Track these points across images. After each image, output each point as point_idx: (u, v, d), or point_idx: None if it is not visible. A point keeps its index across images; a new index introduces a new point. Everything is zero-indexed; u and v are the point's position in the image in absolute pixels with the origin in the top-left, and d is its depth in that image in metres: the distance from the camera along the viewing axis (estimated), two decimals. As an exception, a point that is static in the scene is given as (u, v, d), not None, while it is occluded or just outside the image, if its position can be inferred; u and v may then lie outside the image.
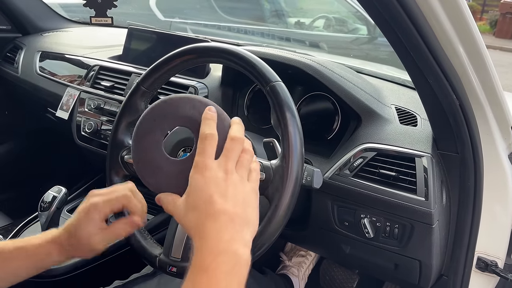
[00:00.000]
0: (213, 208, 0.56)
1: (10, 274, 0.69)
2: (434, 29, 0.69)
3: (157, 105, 0.71)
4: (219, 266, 0.53)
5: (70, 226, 0.71)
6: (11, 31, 2.02)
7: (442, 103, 0.82)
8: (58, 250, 0.71)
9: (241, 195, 0.59)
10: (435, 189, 0.90)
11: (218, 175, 0.59)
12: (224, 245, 0.54)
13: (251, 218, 0.59)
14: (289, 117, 0.73)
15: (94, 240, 0.71)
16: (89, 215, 0.70)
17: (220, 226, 0.55)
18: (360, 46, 4.14)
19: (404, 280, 1.04)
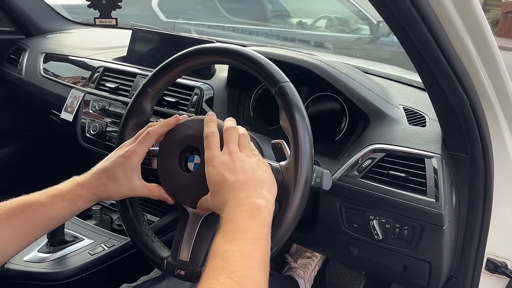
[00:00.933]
0: (228, 183, 0.65)
1: (49, 220, 0.72)
2: (445, 27, 0.68)
3: (164, 139, 0.82)
4: (239, 214, 0.61)
5: (103, 169, 0.76)
6: (15, 33, 2.01)
7: (452, 103, 0.81)
8: (89, 191, 0.74)
9: (249, 165, 0.67)
10: (445, 190, 0.89)
11: (224, 158, 0.68)
12: (242, 201, 0.63)
13: (263, 179, 0.67)
14: (298, 118, 0.73)
15: (138, 188, 0.77)
16: (131, 161, 0.76)
17: (236, 192, 0.64)
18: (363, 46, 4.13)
19: (413, 282, 1.03)
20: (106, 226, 1.40)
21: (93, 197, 0.75)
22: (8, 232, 0.68)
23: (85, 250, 1.21)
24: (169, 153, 0.80)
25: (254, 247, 0.57)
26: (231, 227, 0.60)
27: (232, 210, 0.62)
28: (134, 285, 0.97)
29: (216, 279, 0.51)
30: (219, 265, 0.54)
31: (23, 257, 1.16)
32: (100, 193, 0.75)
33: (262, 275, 0.55)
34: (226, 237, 0.58)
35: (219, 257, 0.55)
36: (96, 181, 0.75)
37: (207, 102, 1.26)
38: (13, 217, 0.69)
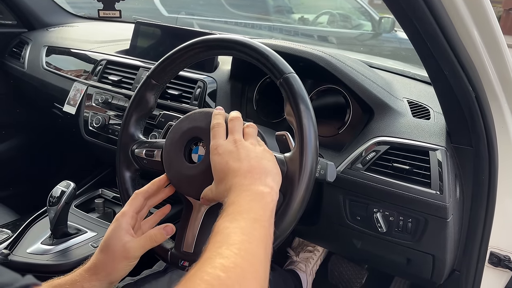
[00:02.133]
0: (232, 171, 0.66)
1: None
2: (452, 18, 0.68)
3: (171, 130, 0.83)
4: (242, 198, 0.62)
5: (100, 246, 0.74)
6: (17, 26, 2.01)
7: (458, 95, 0.81)
8: (96, 276, 0.71)
9: (253, 154, 0.68)
10: (449, 183, 0.89)
11: (229, 147, 0.69)
12: (245, 187, 0.63)
13: (267, 167, 0.67)
14: (303, 109, 0.72)
15: (130, 247, 0.73)
16: (118, 223, 0.75)
17: (239, 178, 0.64)
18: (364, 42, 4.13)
19: (416, 275, 1.03)
20: (109, 219, 1.39)
21: (92, 279, 0.71)
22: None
23: (88, 243, 1.21)
24: (175, 145, 0.80)
25: (255, 226, 0.58)
26: (233, 208, 0.60)
27: (235, 195, 0.62)
28: (137, 278, 0.97)
29: (216, 251, 0.52)
30: (218, 239, 0.55)
31: (27, 249, 1.16)
32: (100, 273, 0.72)
33: (261, 251, 0.55)
34: (228, 217, 0.58)
35: (219, 233, 0.56)
36: (95, 261, 0.73)
37: (210, 95, 1.25)
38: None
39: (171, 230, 0.77)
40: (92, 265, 0.72)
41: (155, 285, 0.95)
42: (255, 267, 0.53)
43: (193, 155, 0.80)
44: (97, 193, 1.51)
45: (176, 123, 0.83)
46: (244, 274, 0.50)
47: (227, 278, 0.48)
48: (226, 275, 0.48)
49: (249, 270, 0.51)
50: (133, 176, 0.88)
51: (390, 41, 3.91)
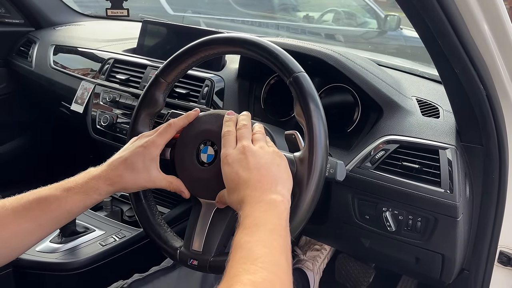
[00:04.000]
0: (242, 181, 0.66)
1: (65, 213, 0.72)
2: (463, 15, 0.68)
3: (183, 132, 0.83)
4: (257, 209, 0.62)
5: (125, 162, 0.75)
6: (24, 25, 2.02)
7: (468, 93, 0.80)
8: (105, 183, 0.74)
9: (263, 160, 0.67)
10: (459, 182, 0.88)
11: (238, 156, 0.68)
12: (257, 199, 0.63)
13: (277, 174, 0.67)
14: (313, 108, 0.72)
15: (155, 177, 0.77)
16: (150, 151, 0.77)
17: (251, 190, 0.64)
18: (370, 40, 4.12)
19: (425, 274, 1.02)
20: (117, 217, 1.40)
21: (108, 189, 0.75)
22: (25, 224, 0.68)
23: (97, 241, 1.22)
24: (186, 146, 0.81)
25: (274, 237, 0.58)
26: (250, 221, 0.60)
27: (249, 207, 0.62)
28: (145, 275, 0.97)
29: (241, 267, 0.52)
30: (242, 255, 0.55)
31: (36, 248, 1.17)
32: (116, 185, 0.75)
33: (284, 261, 0.56)
34: (246, 230, 0.59)
35: (240, 248, 0.56)
36: (113, 172, 0.75)
37: (218, 94, 1.25)
38: (29, 209, 0.69)
39: (185, 195, 0.79)
40: (113, 175, 0.75)
41: (163, 281, 0.96)
42: (281, 278, 0.53)
43: (202, 155, 0.80)
44: (105, 192, 1.52)
45: (187, 125, 0.83)
46: (273, 286, 0.51)
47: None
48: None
49: (276, 281, 0.52)
50: None
51: (395, 39, 3.90)
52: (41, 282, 1.15)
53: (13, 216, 0.68)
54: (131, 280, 0.94)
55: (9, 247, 0.69)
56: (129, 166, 0.75)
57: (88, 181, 0.74)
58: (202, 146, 0.80)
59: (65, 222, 0.74)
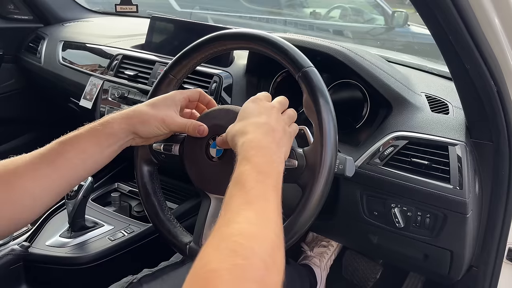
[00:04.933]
0: (259, 119, 0.67)
1: (79, 153, 0.70)
2: (474, 9, 0.67)
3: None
4: (264, 156, 0.61)
5: (147, 102, 0.77)
6: (33, 22, 2.03)
7: (479, 89, 0.80)
8: (121, 116, 0.73)
9: (281, 125, 0.69)
10: (469, 178, 0.88)
11: (268, 105, 0.71)
12: (266, 144, 0.63)
13: (285, 141, 0.68)
14: (323, 103, 0.72)
15: (171, 117, 0.76)
16: (174, 95, 0.79)
17: (262, 131, 0.65)
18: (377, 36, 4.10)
19: (434, 271, 1.02)
20: (125, 212, 1.41)
21: (122, 124, 0.72)
22: (42, 169, 0.66)
23: (106, 236, 1.23)
24: (196, 141, 0.80)
25: (274, 193, 0.57)
26: (249, 169, 0.58)
27: (252, 149, 0.62)
28: (154, 270, 0.98)
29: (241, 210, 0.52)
30: (241, 201, 0.54)
31: (46, 242, 1.18)
32: (132, 119, 0.73)
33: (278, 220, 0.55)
34: (250, 171, 0.58)
35: (244, 191, 0.55)
36: (133, 108, 0.75)
37: (226, 90, 1.25)
38: (45, 154, 0.68)
39: (202, 131, 0.78)
40: (130, 110, 0.75)
41: (173, 276, 0.96)
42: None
43: (211, 149, 0.80)
44: (113, 187, 1.53)
45: (196, 120, 0.83)
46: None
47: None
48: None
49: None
50: (151, 170, 0.89)
51: (403, 36, 3.88)
52: (51, 276, 1.16)
53: (30, 163, 0.66)
54: (141, 275, 0.94)
55: (31, 197, 0.66)
56: (150, 103, 0.77)
57: (104, 118, 0.73)
58: (211, 141, 0.80)
59: (82, 166, 0.71)
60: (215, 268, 0.42)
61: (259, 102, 0.71)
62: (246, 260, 0.44)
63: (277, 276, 0.46)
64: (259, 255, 0.45)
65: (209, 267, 0.42)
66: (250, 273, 0.43)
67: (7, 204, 0.64)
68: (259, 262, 0.44)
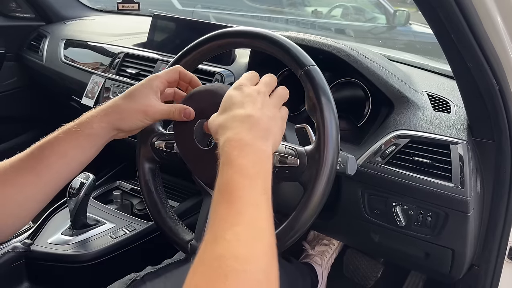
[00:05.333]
0: (243, 110, 0.62)
1: (60, 158, 0.67)
2: (477, 7, 0.67)
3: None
4: (247, 155, 0.57)
5: (123, 94, 0.73)
6: (35, 20, 2.04)
7: (481, 88, 0.79)
8: (99, 114, 0.70)
9: (270, 112, 0.64)
10: (471, 177, 0.88)
11: (252, 91, 0.65)
12: (249, 140, 0.58)
13: (274, 131, 0.64)
14: (325, 102, 0.72)
15: (152, 105, 0.73)
16: (151, 81, 0.75)
17: (246, 126, 0.60)
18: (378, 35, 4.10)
19: (435, 269, 1.02)
20: (127, 210, 1.42)
21: (102, 122, 0.69)
22: (23, 176, 0.64)
23: (107, 234, 1.24)
24: (183, 128, 0.78)
25: (264, 197, 0.54)
26: (235, 171, 0.54)
27: (234, 148, 0.57)
28: (158, 267, 0.98)
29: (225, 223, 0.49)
30: (226, 212, 0.50)
31: (48, 239, 1.18)
32: (111, 115, 0.70)
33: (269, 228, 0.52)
34: (237, 175, 0.54)
35: (232, 200, 0.51)
36: (110, 103, 0.72)
37: (228, 88, 1.25)
38: (25, 160, 0.65)
39: (189, 114, 0.76)
40: (107, 107, 0.71)
41: (175, 274, 0.96)
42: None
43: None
44: (115, 185, 1.53)
45: (181, 102, 0.80)
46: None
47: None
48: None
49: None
50: (153, 168, 0.89)
51: (404, 34, 3.87)
52: (53, 273, 1.16)
53: (11, 169, 0.64)
54: (144, 273, 0.94)
55: (15, 204, 0.64)
56: (127, 95, 0.73)
57: (82, 117, 0.70)
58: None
59: (65, 169, 0.68)
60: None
61: (242, 89, 0.65)
62: (240, 284, 0.43)
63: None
64: (253, 275, 0.44)
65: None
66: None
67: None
68: (253, 282, 0.44)
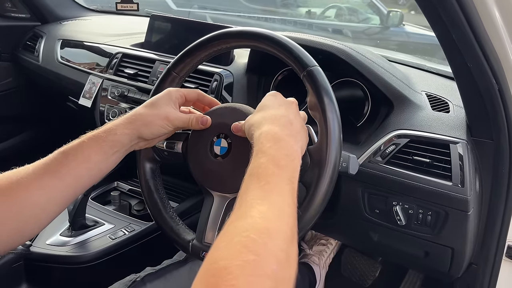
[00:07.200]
0: (278, 111, 0.68)
1: (84, 163, 0.69)
2: (477, 6, 0.68)
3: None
4: (281, 148, 0.60)
5: (146, 103, 0.77)
6: (30, 20, 2.02)
7: (480, 88, 0.80)
8: (123, 121, 0.73)
9: (299, 120, 0.70)
10: (470, 176, 0.89)
11: (287, 99, 0.73)
12: (283, 136, 0.63)
13: (303, 135, 0.69)
14: (327, 102, 0.73)
15: (173, 114, 0.76)
16: (170, 92, 0.78)
17: (280, 123, 0.65)
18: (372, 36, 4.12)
19: (434, 268, 1.03)
20: (125, 211, 1.41)
21: (125, 129, 0.72)
22: (46, 180, 0.66)
23: (106, 235, 1.23)
24: (200, 139, 0.81)
25: (289, 187, 0.56)
26: (266, 162, 0.58)
27: (268, 141, 0.61)
28: (157, 268, 0.98)
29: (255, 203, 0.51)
30: (255, 194, 0.53)
31: (46, 241, 1.18)
32: (134, 123, 0.73)
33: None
34: (267, 165, 0.57)
35: (258, 186, 0.54)
36: (133, 112, 0.75)
37: (227, 89, 1.26)
38: (48, 164, 0.67)
39: (205, 121, 0.79)
40: (130, 115, 0.75)
41: (175, 274, 0.96)
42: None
43: (215, 147, 0.80)
44: (113, 186, 1.53)
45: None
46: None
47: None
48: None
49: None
50: (153, 168, 0.89)
51: (398, 35, 3.90)
52: (52, 274, 1.16)
53: (34, 174, 0.66)
54: (144, 274, 0.94)
55: (38, 206, 0.65)
56: (149, 104, 0.76)
57: (106, 125, 0.73)
58: (215, 138, 0.80)
59: (87, 174, 0.70)
60: (226, 265, 0.42)
61: (278, 96, 0.73)
62: (258, 256, 0.43)
63: (290, 270, 0.46)
64: (272, 250, 0.45)
65: (220, 263, 0.42)
66: (262, 269, 0.42)
67: (11, 216, 0.63)
68: (272, 257, 0.44)
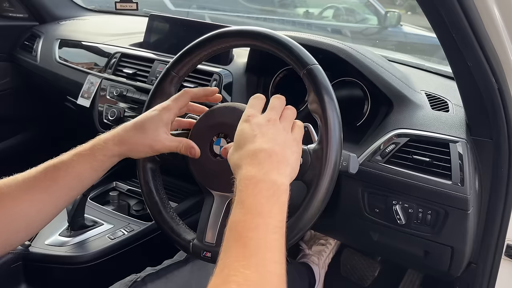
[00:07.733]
0: (253, 145, 0.63)
1: (74, 178, 0.71)
2: (477, 5, 0.68)
3: (197, 123, 0.84)
4: (260, 192, 0.57)
5: (135, 123, 0.76)
6: (28, 20, 2.01)
7: (480, 87, 0.80)
8: (112, 142, 0.74)
9: (281, 139, 0.65)
10: (470, 175, 0.89)
11: (262, 121, 0.66)
12: (262, 176, 0.59)
13: (289, 158, 0.65)
14: (328, 101, 0.73)
15: (160, 141, 0.76)
16: (161, 114, 0.77)
17: (258, 161, 0.61)
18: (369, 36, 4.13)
19: (433, 267, 1.03)
20: (124, 211, 1.41)
21: (114, 150, 0.73)
22: (36, 194, 0.67)
23: (105, 235, 1.23)
24: (200, 138, 0.81)
25: (274, 236, 0.54)
26: (249, 207, 0.56)
27: (249, 184, 0.58)
28: (158, 268, 0.97)
29: (238, 264, 0.50)
30: (238, 251, 0.52)
31: (45, 241, 1.17)
32: (123, 145, 0.74)
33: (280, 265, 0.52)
34: (246, 217, 0.55)
35: (240, 239, 0.53)
36: (122, 132, 0.75)
37: (226, 88, 1.25)
38: (39, 178, 0.68)
39: (194, 153, 0.78)
40: (120, 136, 0.75)
41: (176, 274, 0.96)
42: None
43: (215, 146, 0.80)
44: (111, 186, 1.52)
45: (202, 116, 0.83)
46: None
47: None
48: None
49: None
50: (153, 168, 0.89)
51: (395, 35, 3.91)
52: (51, 275, 1.15)
53: (24, 187, 0.67)
54: (144, 274, 0.94)
55: (27, 218, 0.67)
56: (139, 126, 0.75)
57: (95, 143, 0.74)
58: (215, 138, 0.80)
59: (77, 189, 0.73)
60: None
61: (251, 120, 0.66)
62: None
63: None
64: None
65: None
66: None
67: (1, 226, 0.65)
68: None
